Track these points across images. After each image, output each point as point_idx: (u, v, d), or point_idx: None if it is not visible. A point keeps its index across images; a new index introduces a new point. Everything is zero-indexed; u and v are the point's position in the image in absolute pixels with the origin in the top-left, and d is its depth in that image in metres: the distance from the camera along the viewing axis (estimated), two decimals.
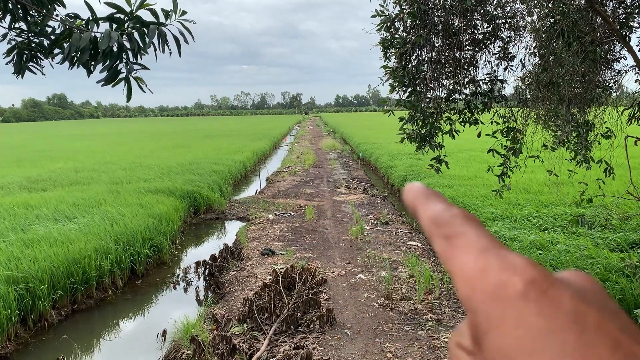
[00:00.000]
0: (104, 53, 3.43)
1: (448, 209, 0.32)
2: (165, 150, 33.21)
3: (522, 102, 6.58)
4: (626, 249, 9.21)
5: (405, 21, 5.52)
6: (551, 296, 0.25)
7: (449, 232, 0.30)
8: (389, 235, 12.59)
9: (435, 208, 0.32)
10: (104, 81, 3.55)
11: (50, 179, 19.28)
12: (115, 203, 14.10)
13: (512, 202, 12.93)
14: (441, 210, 0.32)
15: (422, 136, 5.60)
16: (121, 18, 3.46)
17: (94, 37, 3.41)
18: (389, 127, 9.89)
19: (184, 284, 10.50)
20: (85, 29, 3.45)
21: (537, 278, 0.26)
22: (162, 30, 3.40)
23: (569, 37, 5.79)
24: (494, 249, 0.28)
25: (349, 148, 41.23)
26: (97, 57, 3.49)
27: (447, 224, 0.31)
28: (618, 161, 6.45)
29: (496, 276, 0.27)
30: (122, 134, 61.77)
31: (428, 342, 6.84)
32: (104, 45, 3.33)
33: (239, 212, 16.55)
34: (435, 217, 0.32)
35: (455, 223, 0.31)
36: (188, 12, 3.49)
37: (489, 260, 0.27)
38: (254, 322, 7.53)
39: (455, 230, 0.30)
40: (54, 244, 10.00)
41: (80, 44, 3.35)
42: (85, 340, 8.22)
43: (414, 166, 20.28)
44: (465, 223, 0.31)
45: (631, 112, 6.71)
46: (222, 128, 73.50)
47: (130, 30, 3.47)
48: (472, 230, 0.30)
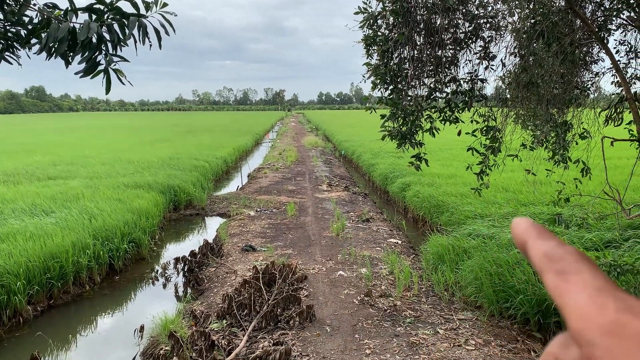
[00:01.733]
0: (82, 44, 3.37)
1: (561, 245, 0.34)
2: (145, 144, 32.85)
3: (502, 102, 6.66)
4: (601, 247, 9.38)
5: (387, 19, 5.54)
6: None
7: (564, 268, 0.32)
8: (370, 233, 12.64)
9: (549, 244, 0.34)
10: (82, 72, 3.50)
11: (27, 173, 18.93)
12: (93, 198, 13.91)
13: (491, 200, 13.07)
14: (555, 247, 0.33)
15: (403, 134, 5.63)
16: (100, 9, 3.41)
17: (72, 27, 3.35)
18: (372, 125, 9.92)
19: (163, 279, 10.41)
20: (64, 19, 3.39)
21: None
22: (143, 22, 3.36)
23: (549, 38, 5.87)
24: (612, 290, 0.30)
25: (331, 145, 41.29)
26: (76, 48, 3.43)
27: (561, 260, 0.32)
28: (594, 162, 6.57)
29: (614, 315, 0.29)
30: (101, 128, 60.92)
31: (407, 338, 6.89)
32: (83, 36, 3.28)
33: (219, 208, 16.46)
34: (549, 253, 0.33)
35: (570, 260, 0.32)
36: (171, 6, 3.45)
37: (607, 300, 0.29)
38: (234, 319, 7.50)
39: (570, 267, 0.32)
40: (30, 238, 9.82)
41: (58, 35, 3.30)
42: (61, 335, 8.10)
43: (395, 164, 20.38)
44: (580, 261, 0.32)
45: (607, 113, 6.84)
46: (204, 123, 72.95)
47: (109, 21, 3.42)
48: (588, 269, 0.32)
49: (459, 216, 12.23)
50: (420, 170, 6.78)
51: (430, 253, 9.87)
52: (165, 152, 27.04)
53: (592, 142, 6.57)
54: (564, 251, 0.33)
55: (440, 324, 7.35)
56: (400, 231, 13.17)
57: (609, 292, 0.30)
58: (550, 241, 0.34)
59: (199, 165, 21.95)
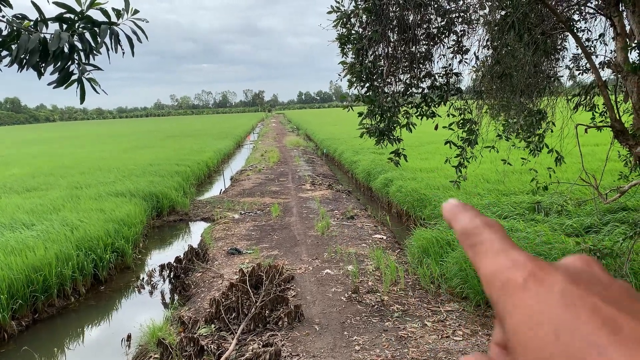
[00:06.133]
0: (54, 54, 3.34)
1: (472, 220, 0.36)
2: (125, 152, 32.51)
3: (477, 94, 6.74)
4: (582, 233, 9.57)
5: (360, 17, 5.57)
6: (546, 283, 0.30)
7: (473, 242, 0.35)
8: (355, 230, 12.70)
9: (463, 221, 0.36)
10: (55, 83, 3.47)
11: (5, 186, 18.62)
12: (75, 208, 13.74)
13: (472, 192, 13.23)
14: (467, 222, 0.36)
15: (381, 130, 5.67)
16: (71, 18, 3.39)
17: (43, 38, 3.32)
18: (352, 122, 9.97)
19: (149, 287, 10.34)
20: (34, 29, 3.36)
21: (535, 270, 0.31)
22: (114, 30, 3.34)
23: (520, 29, 5.97)
24: (504, 250, 0.33)
25: (313, 144, 41.30)
26: (48, 59, 3.40)
27: (471, 234, 0.35)
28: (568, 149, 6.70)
29: (505, 274, 0.32)
30: (80, 137, 60.11)
31: (395, 332, 6.95)
32: (54, 46, 3.26)
33: (203, 213, 16.38)
34: (462, 229, 0.36)
35: (477, 232, 0.35)
36: (145, 11, 3.44)
37: (500, 261, 0.33)
38: (222, 323, 7.49)
39: (477, 239, 0.34)
40: (12, 253, 9.68)
41: (29, 46, 3.27)
42: (47, 349, 8.00)
43: (376, 160, 20.48)
44: (485, 231, 0.35)
45: (577, 100, 6.97)
46: (184, 128, 72.43)
47: (81, 30, 3.40)
48: (489, 236, 0.34)
49: (441, 209, 12.35)
50: (400, 166, 6.84)
51: (415, 247, 9.95)
52: (146, 158, 26.80)
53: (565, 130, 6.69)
54: (475, 224, 0.35)
55: (427, 317, 7.43)
56: (384, 227, 13.25)
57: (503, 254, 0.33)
58: (466, 217, 0.36)
59: (180, 170, 21.80)
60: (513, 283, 0.31)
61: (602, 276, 0.32)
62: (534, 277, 0.31)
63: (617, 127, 5.78)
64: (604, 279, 0.32)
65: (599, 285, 0.31)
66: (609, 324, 0.27)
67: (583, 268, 0.33)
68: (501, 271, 0.32)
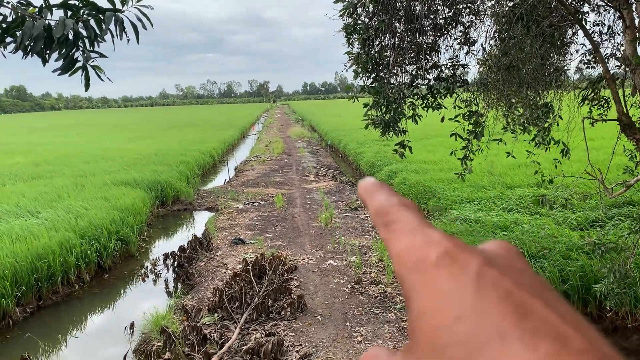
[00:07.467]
0: (59, 41, 3.33)
1: (388, 199, 0.35)
2: (130, 141, 32.57)
3: (483, 86, 6.69)
4: (586, 227, 9.53)
5: (367, 7, 5.52)
6: (460, 262, 0.29)
7: (388, 220, 0.33)
8: (358, 221, 12.70)
9: (378, 199, 0.35)
10: (60, 70, 3.45)
11: (10, 174, 18.69)
12: (79, 197, 13.79)
13: (477, 184, 13.19)
14: (382, 201, 0.34)
15: (386, 122, 5.64)
16: (76, 4, 3.37)
17: (47, 24, 3.31)
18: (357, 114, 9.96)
19: (153, 276, 10.39)
20: (39, 16, 3.35)
21: (450, 248, 0.30)
22: (119, 17, 3.32)
23: (528, 21, 5.91)
24: (420, 229, 0.32)
25: (317, 136, 41.24)
26: (52, 46, 3.39)
27: (386, 213, 0.33)
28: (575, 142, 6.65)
29: (418, 251, 0.30)
30: (84, 126, 60.22)
31: (397, 324, 6.96)
32: (59, 33, 3.24)
33: (207, 203, 16.41)
34: (377, 208, 0.34)
35: (393, 211, 0.33)
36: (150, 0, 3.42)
37: (415, 239, 0.31)
38: (225, 312, 7.52)
39: (392, 218, 0.33)
40: (17, 240, 9.73)
41: (33, 32, 3.25)
42: (51, 336, 8.06)
43: (381, 152, 20.43)
44: (401, 210, 0.33)
45: (584, 94, 6.91)
46: (189, 118, 72.43)
47: (85, 17, 3.38)
48: (405, 214, 0.33)
49: (446, 201, 12.33)
50: (405, 158, 6.81)
51: None
52: (151, 148, 26.84)
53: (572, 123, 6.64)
54: (389, 203, 0.34)
55: None
56: None
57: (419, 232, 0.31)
58: (380, 196, 0.35)
59: (185, 160, 21.83)
60: (426, 261, 0.29)
61: (520, 265, 0.31)
62: (449, 256, 0.29)
63: (624, 121, 5.73)
64: (521, 267, 0.31)
65: (515, 271, 0.29)
66: (519, 310, 0.26)
67: (502, 254, 0.32)
68: (414, 248, 0.30)
